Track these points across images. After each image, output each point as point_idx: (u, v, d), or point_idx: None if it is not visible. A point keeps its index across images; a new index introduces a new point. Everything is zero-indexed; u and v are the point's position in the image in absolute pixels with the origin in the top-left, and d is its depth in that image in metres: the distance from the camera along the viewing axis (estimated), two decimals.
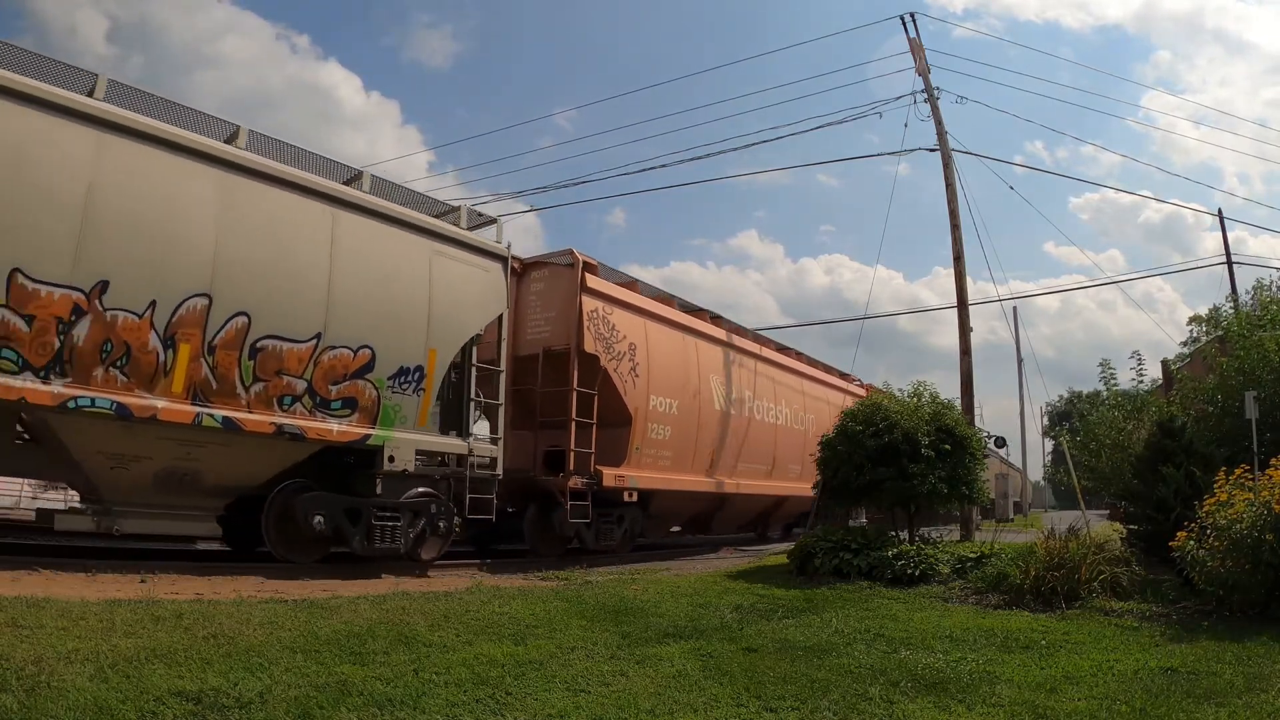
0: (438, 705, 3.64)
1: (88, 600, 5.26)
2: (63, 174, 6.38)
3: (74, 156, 6.45)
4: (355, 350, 8.14)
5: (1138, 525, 8.68)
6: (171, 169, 7.05)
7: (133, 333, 6.70)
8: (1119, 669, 4.60)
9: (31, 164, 6.21)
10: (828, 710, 3.81)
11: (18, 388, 6.07)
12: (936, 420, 10.22)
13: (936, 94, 15.66)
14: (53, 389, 6.26)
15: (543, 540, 10.92)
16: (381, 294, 8.37)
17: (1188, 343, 16.29)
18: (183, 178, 7.11)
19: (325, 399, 7.91)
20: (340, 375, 8.04)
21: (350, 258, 8.14)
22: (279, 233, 7.69)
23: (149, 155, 6.93)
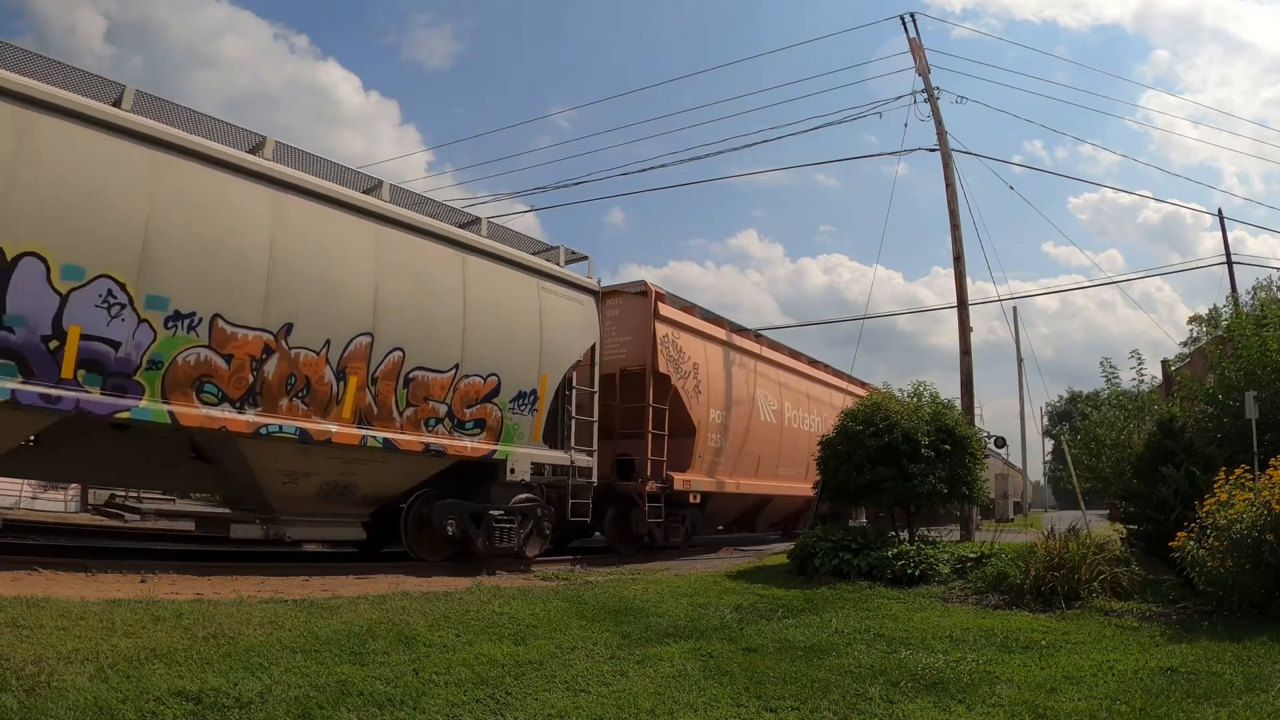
0: (438, 705, 3.65)
1: (88, 600, 5.26)
2: (251, 231, 7.48)
3: (258, 214, 7.58)
4: (485, 378, 9.45)
5: (1138, 525, 8.68)
6: (336, 223, 8.29)
7: (312, 367, 7.86)
8: (1119, 669, 4.60)
9: (226, 223, 7.32)
10: (828, 710, 3.81)
11: (219, 417, 7.17)
12: (936, 420, 10.22)
13: (936, 94, 15.66)
14: (248, 418, 7.36)
15: (620, 538, 12.32)
16: (504, 328, 9.67)
17: (1188, 343, 16.31)
18: (346, 230, 8.35)
19: (461, 420, 9.22)
20: (473, 399, 9.37)
21: (479, 296, 9.41)
22: (424, 277, 8.94)
23: (317, 211, 8.11)
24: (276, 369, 7.56)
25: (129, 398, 6.69)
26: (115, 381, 6.63)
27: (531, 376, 9.92)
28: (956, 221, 14.91)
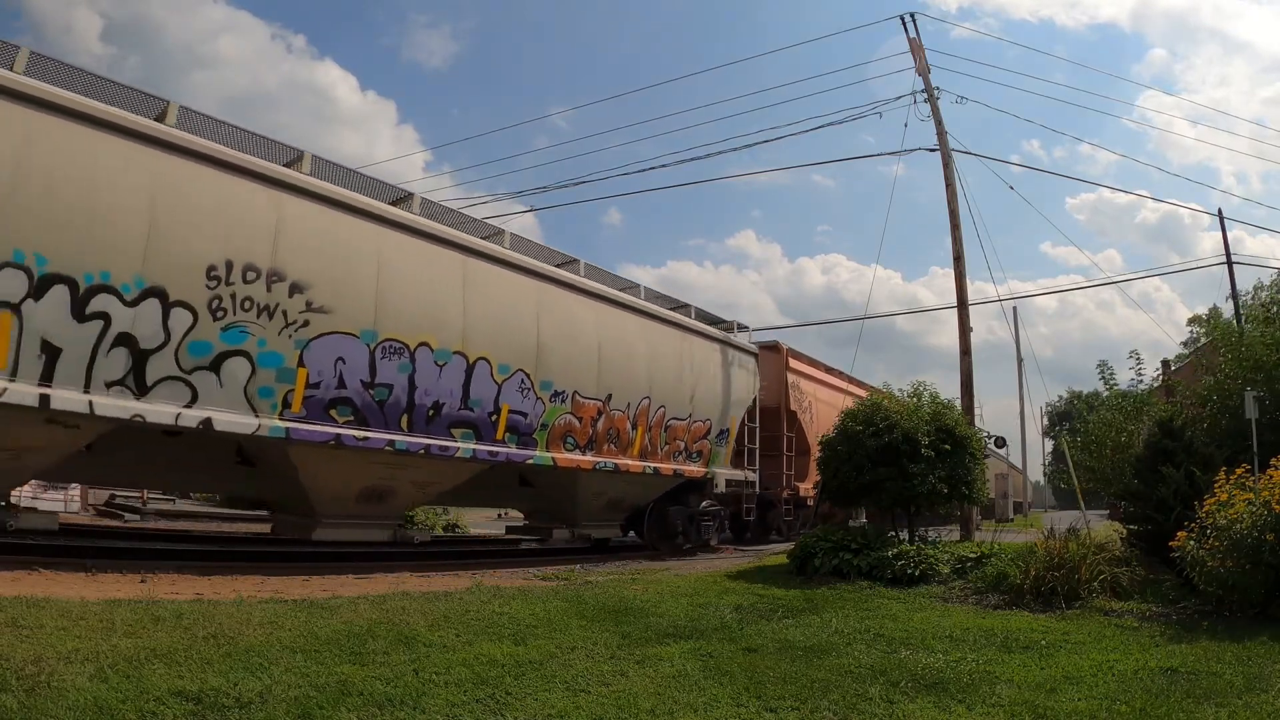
0: (438, 705, 3.65)
1: (88, 600, 5.26)
2: (589, 334, 11.03)
3: (589, 321, 11.08)
4: (704, 421, 13.14)
5: (1138, 525, 8.67)
6: (627, 320, 11.88)
7: (620, 422, 11.48)
8: (1119, 669, 4.60)
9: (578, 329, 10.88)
10: (828, 710, 3.81)
11: (576, 459, 10.73)
12: (936, 420, 10.22)
13: (937, 94, 15.65)
14: (589, 458, 10.95)
15: (757, 532, 15.73)
16: (710, 386, 13.32)
17: (1188, 343, 16.29)
18: (633, 325, 11.95)
19: (690, 452, 12.95)
20: (698, 436, 13.07)
21: (697, 364, 13.10)
22: (675, 354, 12.71)
23: (617, 314, 11.73)
24: (603, 424, 11.18)
25: (530, 450, 10.06)
26: (524, 440, 9.98)
27: (726, 419, 13.74)
28: (956, 221, 14.91)
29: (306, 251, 7.76)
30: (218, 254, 7.11)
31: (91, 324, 6.41)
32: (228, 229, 7.20)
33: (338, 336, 7.96)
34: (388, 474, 8.72)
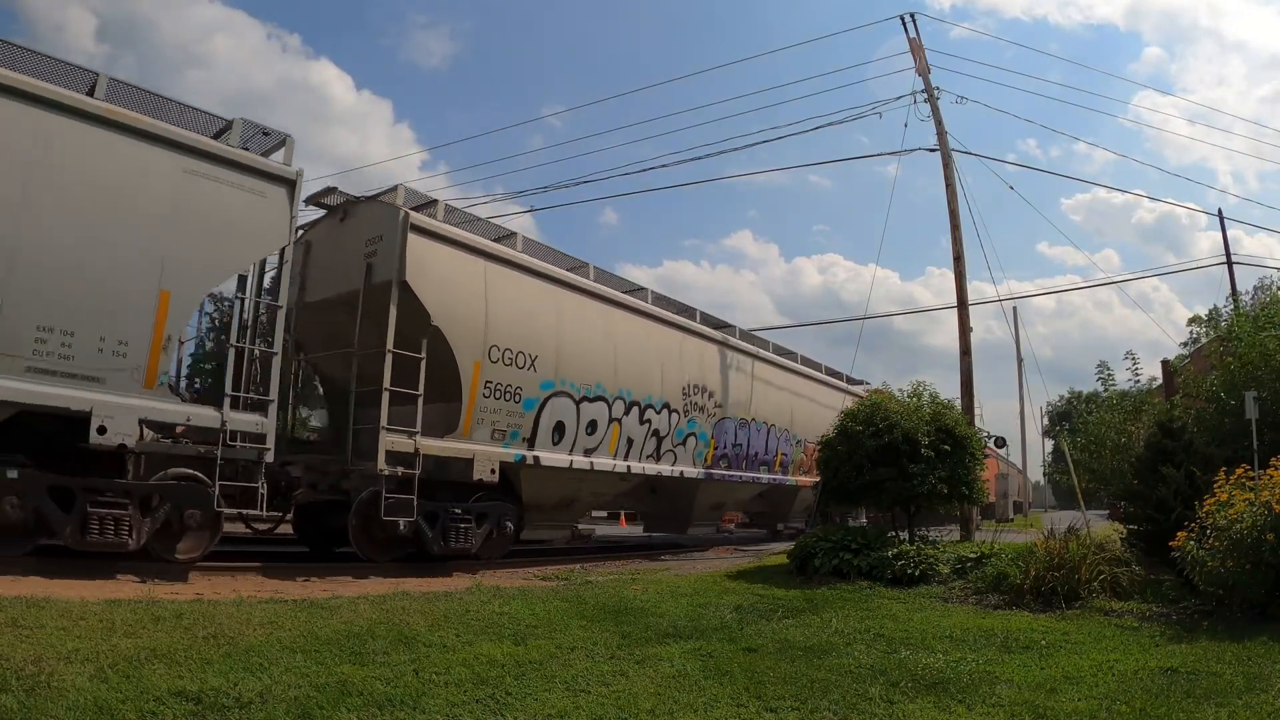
0: (438, 705, 3.64)
1: (88, 600, 5.26)
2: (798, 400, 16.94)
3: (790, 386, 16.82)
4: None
5: (1138, 525, 8.67)
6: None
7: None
8: (1119, 669, 4.60)
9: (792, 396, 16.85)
10: (828, 710, 3.81)
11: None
12: (936, 420, 10.23)
13: (937, 94, 15.66)
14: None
15: None
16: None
17: (1188, 343, 16.29)
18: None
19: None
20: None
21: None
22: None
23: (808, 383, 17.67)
24: (800, 457, 16.51)
25: (793, 476, 16.65)
26: (784, 469, 16.30)
27: None
28: (956, 222, 14.92)
29: (710, 370, 13.76)
30: (686, 380, 13.05)
31: (645, 426, 12.12)
32: (687, 363, 13.14)
33: (727, 420, 14.23)
34: (730, 496, 15.37)
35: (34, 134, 6.37)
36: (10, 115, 6.26)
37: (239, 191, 7.53)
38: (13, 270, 6.12)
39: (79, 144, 6.62)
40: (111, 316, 6.65)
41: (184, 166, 7.22)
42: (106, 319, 6.62)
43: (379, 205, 9.22)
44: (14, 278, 6.13)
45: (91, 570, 6.49)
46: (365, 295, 8.78)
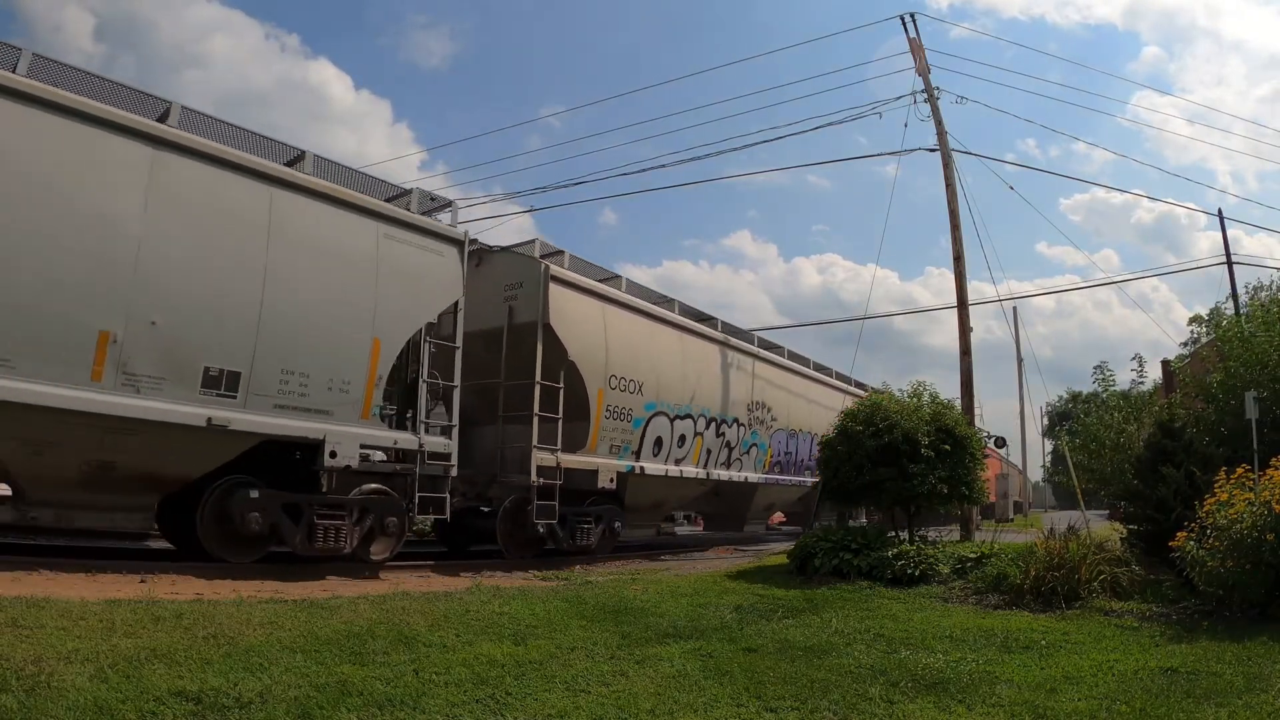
0: (438, 705, 3.64)
1: (88, 600, 5.25)
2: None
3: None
4: None
5: (1138, 525, 8.67)
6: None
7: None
8: (1119, 669, 4.60)
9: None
10: (828, 710, 3.81)
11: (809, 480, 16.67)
12: (936, 420, 10.22)
13: (937, 94, 15.65)
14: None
15: None
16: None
17: (1188, 343, 16.29)
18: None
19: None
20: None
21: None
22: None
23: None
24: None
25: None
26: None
27: None
28: (956, 222, 14.91)
29: (768, 387, 15.53)
30: (751, 397, 14.93)
31: (720, 438, 13.93)
32: (747, 384, 14.79)
33: (780, 431, 15.92)
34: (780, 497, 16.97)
35: (268, 208, 7.61)
36: (250, 193, 7.51)
37: (424, 252, 8.93)
38: (262, 325, 7.43)
39: (302, 215, 7.86)
40: (338, 361, 8.02)
41: (383, 232, 8.56)
42: (334, 363, 8.00)
43: (517, 256, 10.87)
44: (264, 331, 7.44)
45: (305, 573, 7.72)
46: (508, 333, 10.37)
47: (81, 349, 6.45)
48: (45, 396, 6.21)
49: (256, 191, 7.57)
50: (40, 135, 6.33)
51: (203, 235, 7.19)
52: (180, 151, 7.14)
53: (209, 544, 7.52)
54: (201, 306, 7.11)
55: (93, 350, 6.50)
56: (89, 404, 6.41)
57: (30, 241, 6.25)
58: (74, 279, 6.42)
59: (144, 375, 6.78)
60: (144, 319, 6.75)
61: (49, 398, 6.22)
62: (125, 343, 6.65)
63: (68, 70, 6.99)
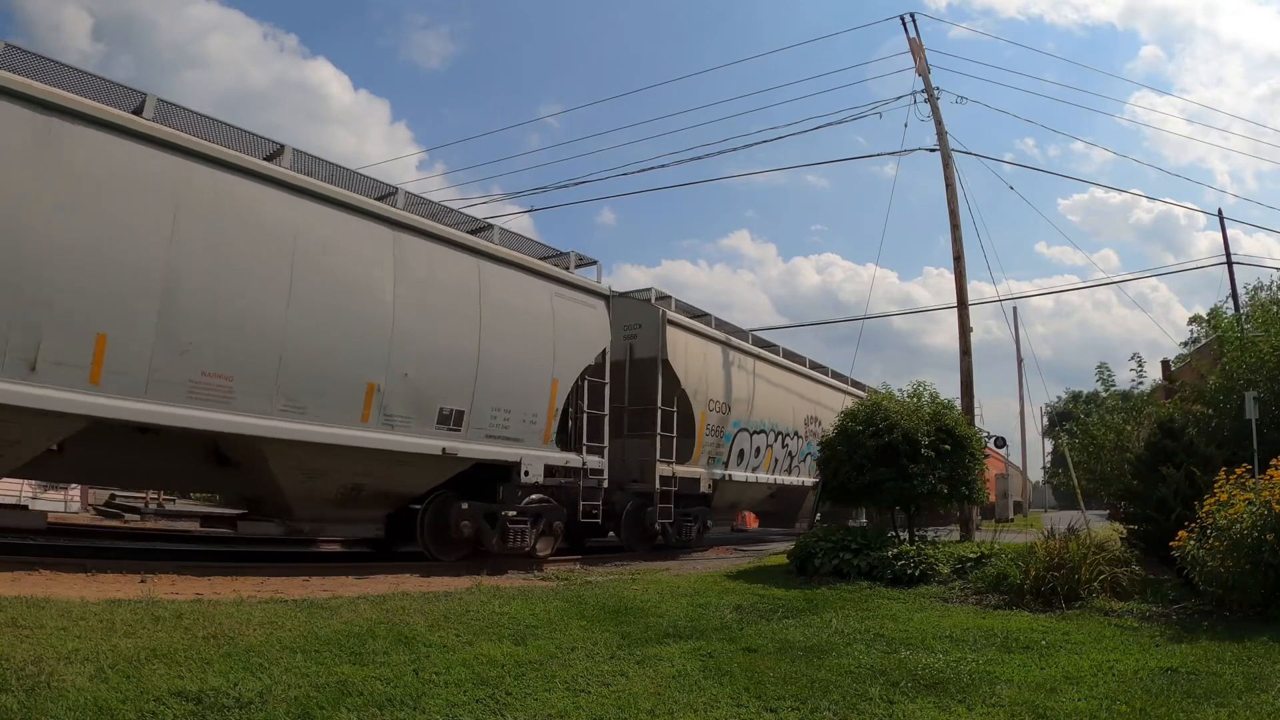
0: (438, 705, 3.65)
1: (88, 600, 5.25)
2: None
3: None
4: None
5: (1138, 525, 8.68)
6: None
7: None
8: (1119, 669, 4.60)
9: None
10: (828, 710, 3.81)
11: None
12: (936, 420, 10.22)
13: (937, 94, 15.66)
14: None
15: None
16: None
17: (1188, 343, 16.28)
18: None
19: None
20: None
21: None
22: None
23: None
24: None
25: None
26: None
27: None
28: (956, 221, 14.92)
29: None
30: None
31: (785, 449, 16.05)
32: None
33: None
34: None
35: (478, 278, 9.35)
36: (465, 265, 9.27)
37: (583, 306, 10.80)
38: (479, 373, 9.17)
39: (501, 281, 9.63)
40: (529, 398, 9.85)
41: (554, 291, 10.37)
42: (526, 400, 9.81)
43: (636, 301, 12.83)
44: (480, 378, 9.19)
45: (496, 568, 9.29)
46: (630, 366, 12.31)
47: (355, 397, 8.08)
48: (329, 435, 7.80)
49: (469, 263, 9.31)
50: (339, 229, 8.11)
51: (438, 302, 8.85)
52: (411, 231, 8.77)
53: (426, 546, 9.23)
54: (438, 360, 8.81)
55: (363, 398, 8.13)
56: (359, 440, 8.07)
57: (328, 316, 7.86)
58: (353, 343, 8.06)
59: (398, 415, 8.44)
60: (399, 372, 8.40)
61: (331, 436, 7.82)
62: (386, 391, 8.29)
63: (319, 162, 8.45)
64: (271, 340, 7.42)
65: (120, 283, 6.55)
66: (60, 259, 6.23)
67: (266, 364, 7.40)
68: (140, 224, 6.69)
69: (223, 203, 7.22)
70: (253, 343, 7.32)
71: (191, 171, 7.02)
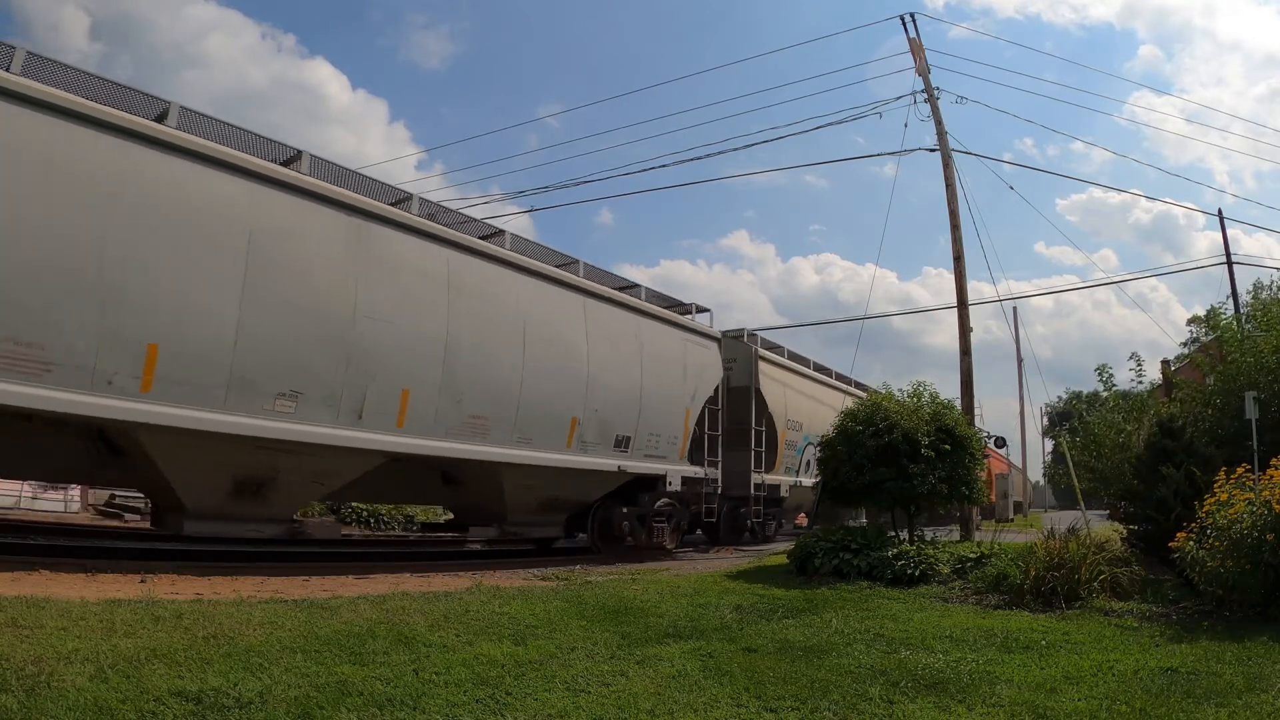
0: (438, 705, 3.65)
1: (88, 600, 5.25)
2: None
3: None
4: None
5: (1138, 525, 8.68)
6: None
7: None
8: (1119, 669, 4.60)
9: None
10: (828, 710, 3.81)
11: None
12: (936, 420, 10.21)
13: (937, 94, 15.67)
14: None
15: None
16: None
17: (1187, 343, 16.28)
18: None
19: None
20: None
21: None
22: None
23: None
24: None
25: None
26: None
27: None
28: (956, 222, 14.92)
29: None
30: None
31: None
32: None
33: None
34: None
35: (638, 331, 11.97)
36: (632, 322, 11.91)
37: (704, 349, 13.43)
38: (642, 406, 11.77)
39: (652, 333, 12.26)
40: (671, 425, 12.49)
41: (684, 337, 13.03)
42: (670, 427, 12.44)
43: (731, 340, 14.97)
44: (642, 410, 11.79)
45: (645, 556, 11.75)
46: (727, 393, 14.25)
47: (563, 429, 10.54)
48: (545, 459, 10.27)
49: (631, 319, 11.91)
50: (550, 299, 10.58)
51: (613, 352, 11.34)
52: (595, 298, 11.34)
53: (594, 541, 11.83)
54: (616, 397, 11.29)
55: (568, 429, 10.62)
56: (563, 461, 10.57)
57: (549, 368, 10.26)
58: (563, 388, 10.52)
59: (590, 442, 10.94)
60: (592, 408, 10.87)
61: (547, 459, 10.30)
62: (583, 423, 10.78)
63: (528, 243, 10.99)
64: (512, 390, 9.80)
65: (417, 350, 8.68)
66: (378, 333, 8.24)
67: (509, 408, 9.76)
68: (428, 302, 8.82)
69: (478, 284, 9.50)
70: (501, 392, 9.66)
71: (458, 260, 9.26)
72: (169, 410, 6.75)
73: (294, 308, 7.63)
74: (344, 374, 7.92)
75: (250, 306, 7.24)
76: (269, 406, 7.42)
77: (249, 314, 7.22)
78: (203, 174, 7.03)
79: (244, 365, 7.21)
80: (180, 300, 6.86)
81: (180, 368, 6.82)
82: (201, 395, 6.96)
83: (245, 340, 7.20)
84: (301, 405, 7.63)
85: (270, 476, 7.86)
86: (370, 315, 8.13)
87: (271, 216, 7.51)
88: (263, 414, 7.37)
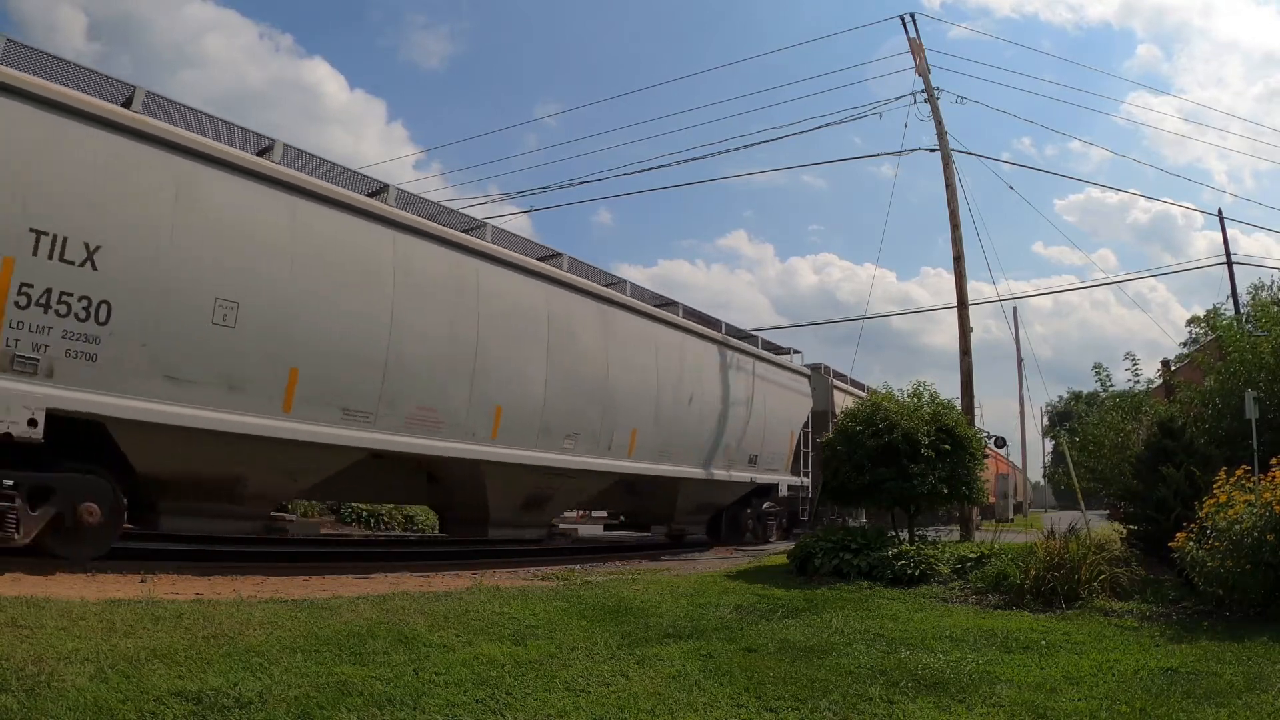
0: (438, 705, 3.64)
1: (88, 600, 5.25)
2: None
3: None
4: None
5: (1138, 525, 8.67)
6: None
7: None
8: (1119, 669, 4.60)
9: None
10: (828, 710, 3.81)
11: None
12: (936, 420, 10.22)
13: (936, 94, 15.66)
14: None
15: None
16: None
17: (1187, 344, 16.27)
18: None
19: None
20: None
21: None
22: None
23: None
24: None
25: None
26: None
27: None
28: (956, 221, 14.91)
29: None
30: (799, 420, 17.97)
31: None
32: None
33: None
34: None
35: (752, 372, 14.93)
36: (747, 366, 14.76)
37: (799, 383, 16.75)
38: (765, 434, 15.12)
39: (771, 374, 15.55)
40: (780, 444, 15.83)
41: (790, 377, 16.31)
42: (779, 445, 15.81)
43: (813, 373, 17.68)
44: (765, 435, 15.13)
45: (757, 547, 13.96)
46: (812, 417, 17.03)
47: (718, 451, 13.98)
48: (699, 473, 13.35)
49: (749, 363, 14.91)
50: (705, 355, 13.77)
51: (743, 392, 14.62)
52: (730, 349, 14.41)
53: (725, 536, 14.87)
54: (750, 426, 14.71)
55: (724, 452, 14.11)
56: (715, 475, 13.68)
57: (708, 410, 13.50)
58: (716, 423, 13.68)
59: (734, 461, 14.19)
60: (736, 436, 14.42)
61: (702, 474, 13.41)
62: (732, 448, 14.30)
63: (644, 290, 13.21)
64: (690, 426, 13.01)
65: (643, 398, 11.93)
66: (620, 387, 11.48)
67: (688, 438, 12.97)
68: (640, 364, 11.97)
69: (668, 345, 12.73)
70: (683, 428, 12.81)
71: (652, 329, 12.45)
72: (507, 450, 9.74)
73: (573, 374, 10.63)
74: (600, 419, 11.12)
75: (551, 372, 10.28)
76: (558, 445, 10.49)
77: (551, 379, 10.28)
78: (523, 283, 10.16)
79: (548, 416, 10.30)
80: (514, 372, 9.80)
81: (514, 421, 9.79)
82: (522, 439, 9.93)
83: (550, 398, 10.30)
84: (578, 443, 10.79)
85: (549, 495, 10.92)
86: (615, 374, 11.36)
87: (557, 306, 10.56)
88: (557, 449, 10.45)
